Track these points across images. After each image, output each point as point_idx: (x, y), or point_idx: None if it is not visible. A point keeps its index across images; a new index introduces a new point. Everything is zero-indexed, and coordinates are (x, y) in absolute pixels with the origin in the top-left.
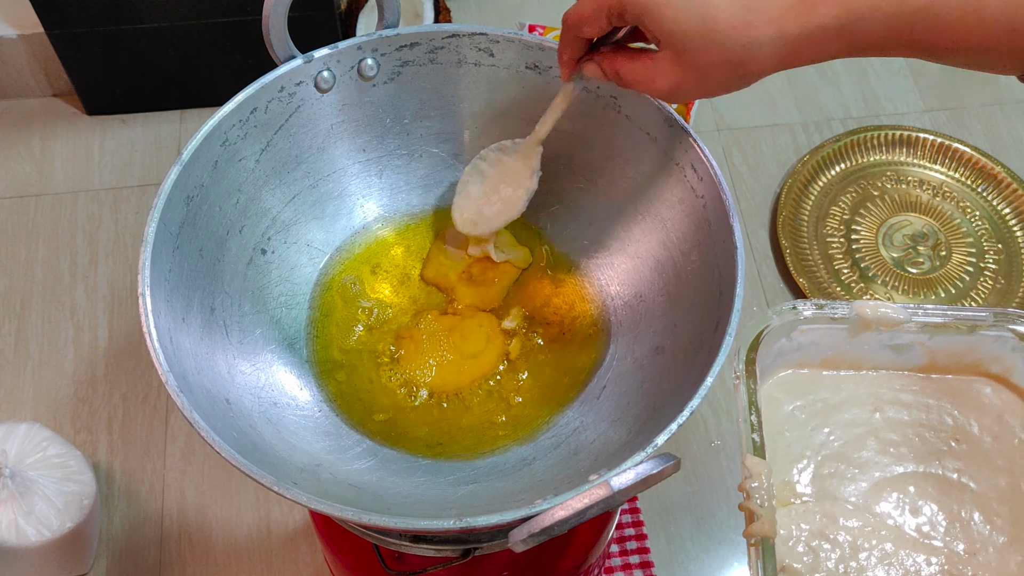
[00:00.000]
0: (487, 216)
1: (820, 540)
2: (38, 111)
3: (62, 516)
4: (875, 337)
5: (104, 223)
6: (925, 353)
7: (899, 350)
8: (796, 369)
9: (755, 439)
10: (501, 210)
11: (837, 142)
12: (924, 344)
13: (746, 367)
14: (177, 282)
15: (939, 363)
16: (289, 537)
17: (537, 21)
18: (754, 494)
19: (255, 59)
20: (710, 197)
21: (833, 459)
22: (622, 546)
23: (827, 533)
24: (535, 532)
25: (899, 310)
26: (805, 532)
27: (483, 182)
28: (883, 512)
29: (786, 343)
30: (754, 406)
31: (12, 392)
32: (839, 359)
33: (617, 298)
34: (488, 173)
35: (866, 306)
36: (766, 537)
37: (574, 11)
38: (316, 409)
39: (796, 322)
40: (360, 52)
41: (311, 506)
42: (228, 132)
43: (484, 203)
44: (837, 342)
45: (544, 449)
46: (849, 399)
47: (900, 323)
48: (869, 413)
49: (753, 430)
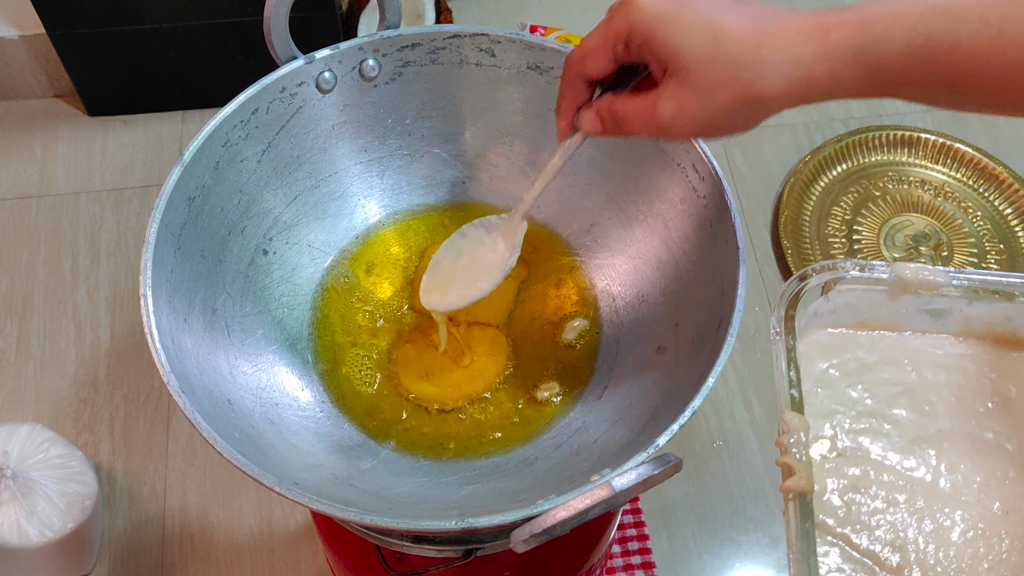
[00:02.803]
0: (450, 300)
1: (853, 494)
2: (39, 112)
3: (64, 517)
4: (913, 301)
5: (106, 224)
6: (962, 320)
7: (936, 316)
8: (831, 328)
9: (793, 394)
10: (464, 294)
11: (839, 142)
12: (962, 310)
13: (785, 323)
14: (179, 283)
15: (975, 330)
16: (291, 538)
17: (538, 21)
18: (791, 449)
19: (256, 60)
20: (712, 197)
21: (867, 416)
22: (624, 546)
23: (860, 488)
24: (537, 532)
25: (939, 273)
26: (838, 487)
27: (456, 261)
28: (917, 469)
29: (823, 304)
30: (793, 362)
31: (14, 393)
32: (874, 323)
33: (619, 298)
34: (464, 251)
35: (906, 268)
36: (803, 492)
37: (578, 47)
38: (318, 410)
39: (835, 281)
40: (361, 53)
41: (313, 507)
42: (230, 133)
43: (451, 286)
44: (874, 305)
45: (546, 449)
46: (884, 359)
47: (940, 286)
48: (905, 373)
49: (792, 386)
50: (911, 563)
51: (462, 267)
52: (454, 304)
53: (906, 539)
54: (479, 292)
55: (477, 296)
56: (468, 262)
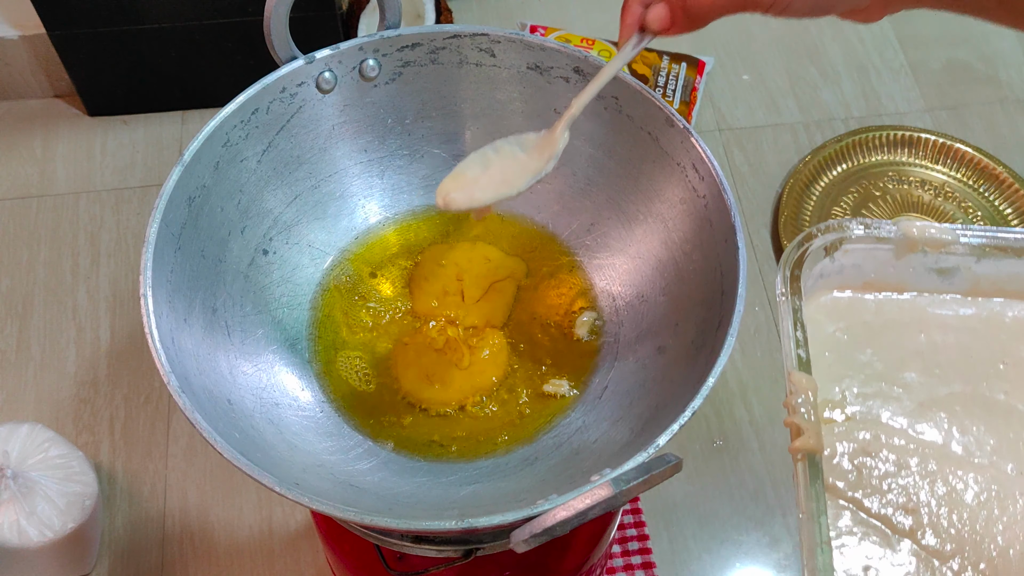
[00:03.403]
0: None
1: (864, 458)
2: (40, 112)
3: (64, 517)
4: (920, 259)
5: (106, 224)
6: (970, 279)
7: (944, 274)
8: (837, 291)
9: (800, 354)
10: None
11: (839, 142)
12: (970, 268)
13: (791, 283)
14: (179, 283)
15: (984, 289)
16: (291, 538)
17: (538, 21)
18: (800, 409)
19: (256, 60)
20: (712, 197)
21: (876, 379)
22: (624, 546)
23: (870, 451)
24: (537, 532)
25: (946, 230)
26: (848, 451)
27: (484, 171)
28: (928, 431)
29: (828, 264)
30: (799, 322)
31: (14, 393)
32: (881, 282)
33: (619, 298)
34: (494, 163)
35: (913, 225)
36: (812, 452)
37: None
38: (318, 410)
39: (841, 240)
40: (362, 53)
41: (313, 507)
42: (230, 133)
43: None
44: (880, 264)
45: (546, 449)
46: (892, 321)
47: (947, 244)
48: (913, 335)
49: (799, 346)
50: (924, 526)
51: (489, 175)
52: (478, 199)
53: (918, 502)
54: (509, 189)
55: (506, 193)
56: (497, 172)
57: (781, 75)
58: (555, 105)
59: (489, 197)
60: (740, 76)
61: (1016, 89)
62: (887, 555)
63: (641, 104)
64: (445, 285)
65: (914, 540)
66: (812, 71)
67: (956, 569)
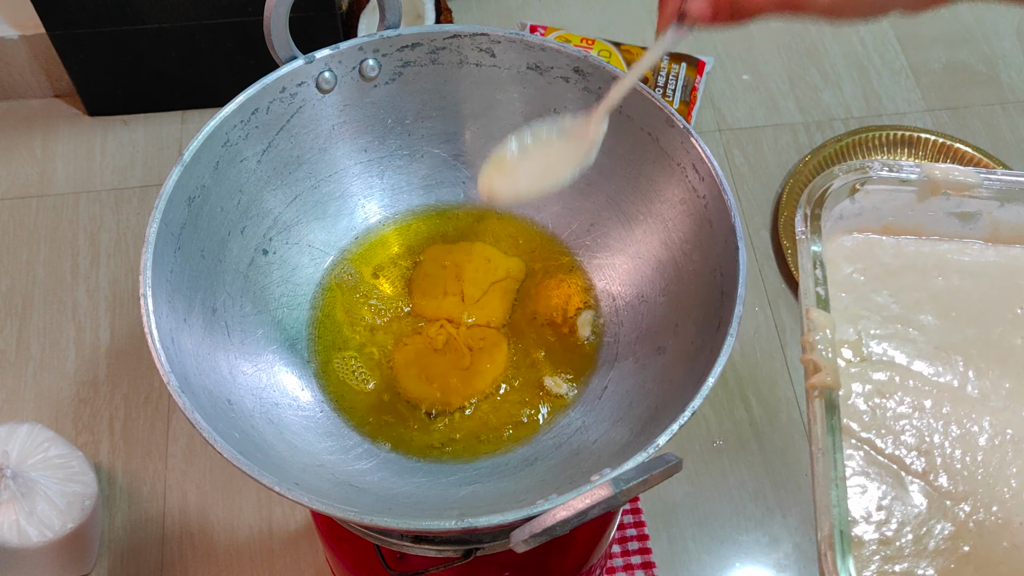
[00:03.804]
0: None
1: (879, 399)
2: (39, 112)
3: (64, 517)
4: (941, 203)
5: (105, 224)
6: (991, 224)
7: (965, 219)
8: (857, 233)
9: (819, 292)
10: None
11: (839, 142)
12: (991, 213)
13: (811, 222)
14: (179, 283)
15: (1003, 235)
16: (291, 538)
17: (538, 21)
18: (817, 346)
19: (256, 60)
20: (712, 197)
21: (893, 321)
22: (624, 546)
23: (885, 393)
24: (537, 532)
25: (970, 173)
26: (863, 391)
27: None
28: (944, 375)
29: (848, 205)
30: (818, 260)
31: (14, 393)
32: (901, 226)
33: (619, 298)
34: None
35: (936, 168)
36: (829, 388)
37: None
38: (317, 410)
39: (862, 180)
40: (361, 53)
41: (313, 507)
42: (230, 133)
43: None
44: (901, 207)
45: (546, 449)
46: (910, 264)
47: (971, 187)
48: (931, 278)
49: (817, 283)
50: (937, 468)
51: (530, 162)
52: (524, 192)
53: (932, 444)
54: (553, 180)
55: (551, 186)
56: (537, 158)
57: (781, 75)
58: (555, 105)
59: (535, 190)
60: (740, 76)
61: (1017, 91)
62: (900, 495)
63: (641, 104)
64: (445, 285)
65: (927, 481)
66: (812, 71)
67: (968, 511)
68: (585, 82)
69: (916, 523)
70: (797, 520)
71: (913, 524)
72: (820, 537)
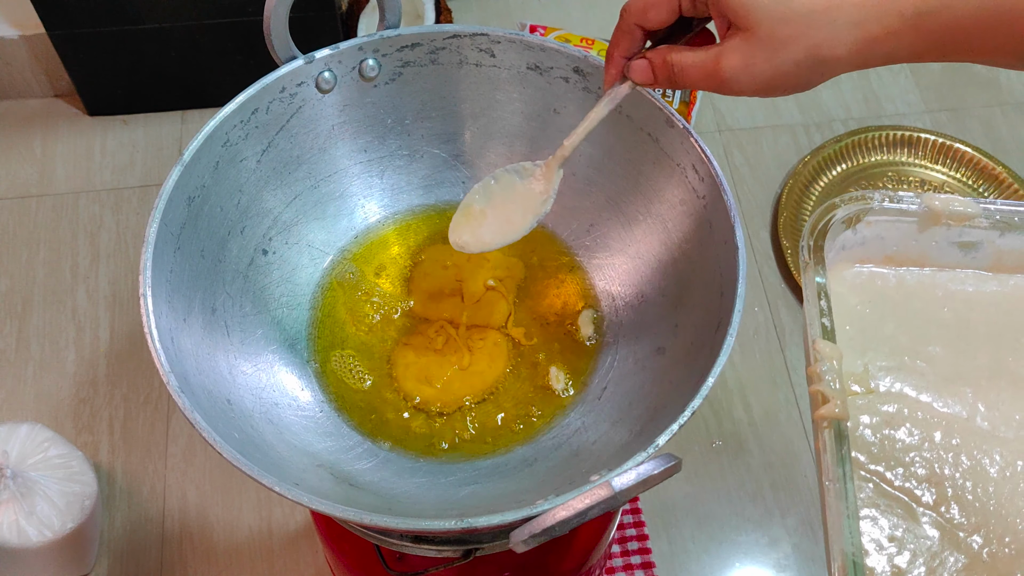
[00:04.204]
0: (483, 239)
1: (887, 430)
2: (39, 112)
3: (63, 517)
4: (943, 233)
5: (105, 224)
6: (993, 253)
7: (966, 248)
8: (859, 265)
9: (825, 323)
10: (499, 232)
11: (838, 142)
12: (994, 243)
13: (814, 253)
14: (178, 283)
15: (1006, 265)
16: (290, 538)
17: (538, 21)
18: (825, 377)
19: (256, 60)
20: (711, 198)
21: (900, 352)
22: (623, 546)
23: (894, 424)
24: (536, 533)
25: (970, 204)
26: (871, 423)
27: (488, 203)
28: (952, 405)
29: (851, 236)
30: (823, 291)
31: (13, 393)
32: (903, 256)
33: (618, 299)
34: (496, 194)
35: (936, 198)
36: (838, 419)
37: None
38: (317, 410)
39: (863, 212)
40: (361, 53)
41: (312, 507)
42: (229, 133)
43: (483, 225)
44: (903, 237)
45: (545, 450)
46: (915, 295)
47: (970, 217)
48: (937, 309)
49: (823, 315)
50: (948, 500)
51: (494, 209)
52: (487, 243)
53: (942, 476)
54: (514, 232)
55: (511, 237)
56: (501, 204)
57: None
58: (554, 105)
59: (497, 241)
60: None
61: (1016, 92)
62: (911, 527)
63: (641, 105)
64: (445, 285)
65: (938, 513)
66: None
67: (981, 543)
68: (585, 82)
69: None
70: (796, 521)
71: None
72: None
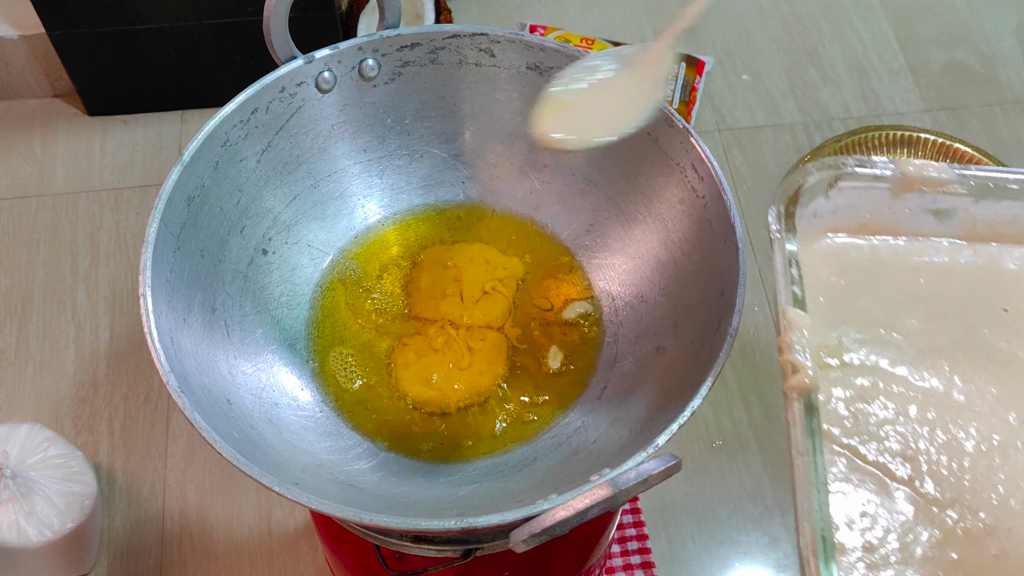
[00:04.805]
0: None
1: (861, 404)
2: (39, 112)
3: (63, 516)
4: (916, 200)
5: (105, 224)
6: (967, 221)
7: (940, 216)
8: (832, 234)
9: (796, 291)
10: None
11: (838, 142)
12: (968, 210)
13: (785, 221)
14: (178, 282)
15: (981, 233)
16: (290, 538)
17: (538, 21)
18: (795, 347)
19: (256, 60)
20: (711, 197)
21: (874, 325)
22: (623, 546)
23: (868, 398)
24: (536, 532)
25: (945, 169)
26: (844, 397)
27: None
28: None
29: (823, 203)
30: (794, 259)
31: (13, 392)
32: (876, 224)
33: (618, 298)
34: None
35: (910, 163)
36: (808, 391)
37: None
38: (317, 410)
39: (836, 177)
40: (361, 53)
41: (312, 506)
42: (229, 133)
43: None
44: (876, 204)
45: (545, 449)
46: (889, 266)
47: (945, 183)
48: (911, 280)
49: (793, 282)
50: (922, 474)
51: (591, 97)
52: (590, 134)
53: (917, 450)
54: (622, 124)
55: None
56: (598, 92)
57: (780, 75)
58: None
59: (605, 134)
60: (740, 76)
61: (1016, 91)
62: (884, 502)
63: None
64: (444, 286)
65: (912, 488)
66: (811, 72)
67: (955, 517)
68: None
69: (902, 530)
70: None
71: (899, 531)
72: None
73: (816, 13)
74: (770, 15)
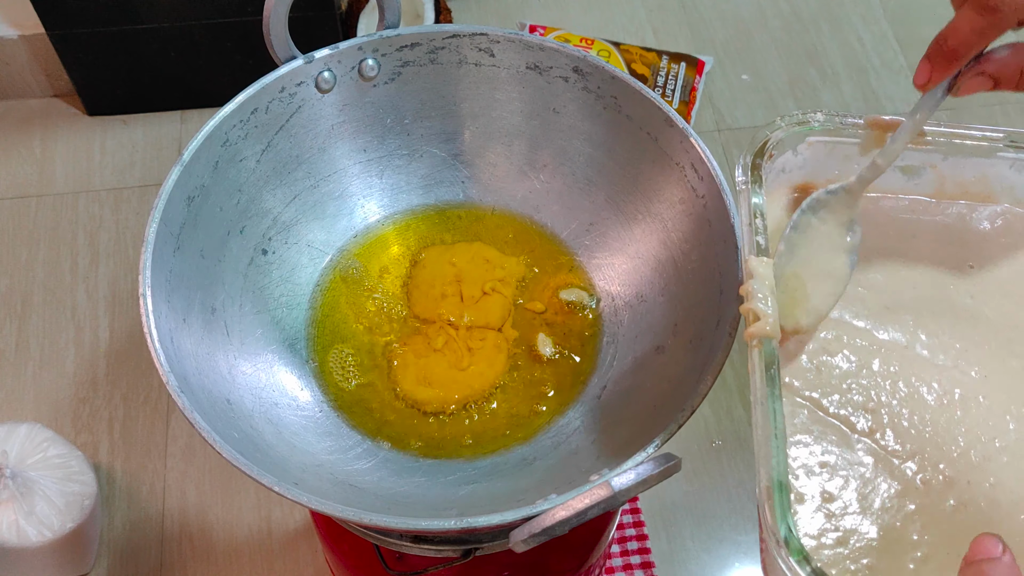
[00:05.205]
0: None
1: (824, 356)
2: (39, 112)
3: (63, 516)
4: None
5: (105, 224)
6: (936, 179)
7: (909, 173)
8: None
9: (759, 241)
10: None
11: None
12: (936, 167)
13: (751, 171)
14: (178, 282)
15: (948, 191)
16: (290, 538)
17: (537, 21)
18: (757, 295)
19: (256, 59)
20: (711, 197)
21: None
22: (623, 546)
23: (831, 351)
24: (536, 532)
25: None
26: (808, 350)
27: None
28: (892, 333)
29: (791, 158)
30: (759, 210)
31: (13, 392)
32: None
33: (618, 298)
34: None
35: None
36: (768, 338)
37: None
38: (317, 409)
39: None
40: (361, 52)
41: (312, 506)
42: (229, 132)
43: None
44: (844, 160)
45: (545, 449)
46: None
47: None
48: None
49: (757, 233)
50: (884, 427)
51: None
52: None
53: (879, 403)
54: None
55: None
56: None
57: (780, 75)
58: (554, 105)
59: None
60: (739, 76)
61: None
62: (844, 453)
63: (640, 104)
64: (444, 286)
65: (873, 440)
66: (811, 72)
67: (915, 469)
68: (584, 82)
69: (862, 481)
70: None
71: (859, 482)
72: (759, 489)
73: (816, 13)
74: (770, 15)
